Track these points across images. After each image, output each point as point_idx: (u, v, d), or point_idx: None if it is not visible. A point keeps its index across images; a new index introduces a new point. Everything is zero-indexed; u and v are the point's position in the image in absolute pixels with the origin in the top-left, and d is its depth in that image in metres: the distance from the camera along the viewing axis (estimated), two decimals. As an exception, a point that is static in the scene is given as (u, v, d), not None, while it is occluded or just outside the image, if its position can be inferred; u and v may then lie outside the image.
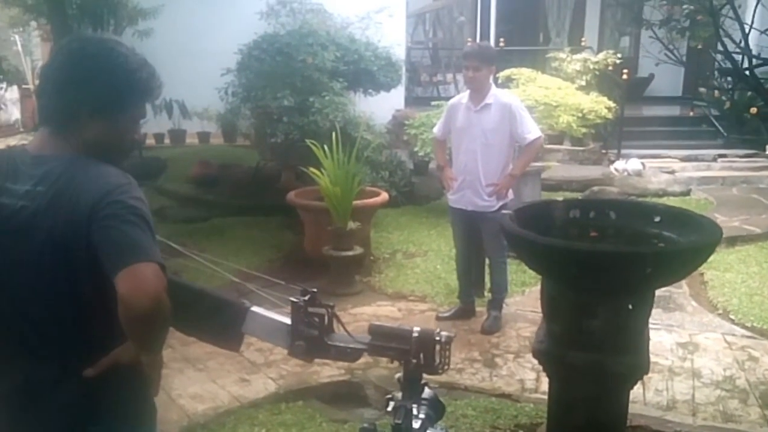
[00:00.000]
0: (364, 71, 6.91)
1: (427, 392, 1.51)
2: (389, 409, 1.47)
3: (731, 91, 9.65)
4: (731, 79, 8.97)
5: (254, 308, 1.63)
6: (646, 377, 2.97)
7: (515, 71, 8.35)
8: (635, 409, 3.21)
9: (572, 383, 2.73)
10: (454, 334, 1.51)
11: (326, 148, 5.15)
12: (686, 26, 8.17)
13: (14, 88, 10.35)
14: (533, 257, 2.82)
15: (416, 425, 1.44)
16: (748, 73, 4.77)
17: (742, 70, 4.80)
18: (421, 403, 1.48)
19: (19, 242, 1.43)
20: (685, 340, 4.24)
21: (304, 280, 4.26)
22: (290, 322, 1.56)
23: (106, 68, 1.48)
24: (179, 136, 9.50)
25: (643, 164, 8.46)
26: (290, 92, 6.14)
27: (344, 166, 5.12)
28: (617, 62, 9.28)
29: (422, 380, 1.50)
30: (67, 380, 1.48)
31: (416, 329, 1.48)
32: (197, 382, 3.64)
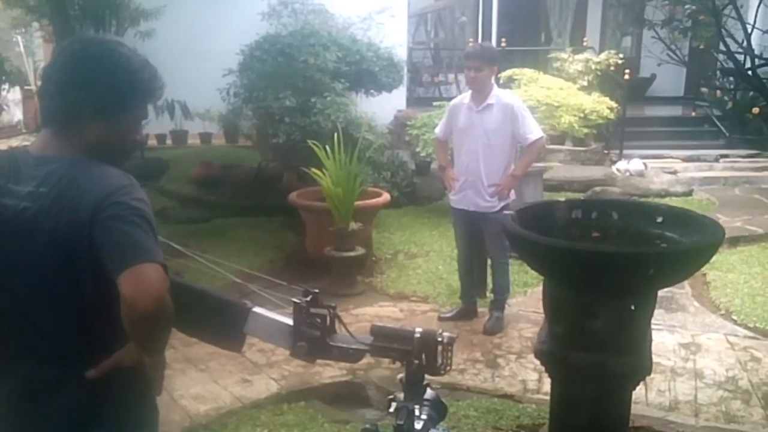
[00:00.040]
0: (365, 72, 6.91)
1: (429, 393, 1.50)
2: (391, 410, 1.47)
3: (733, 91, 9.65)
4: (733, 79, 8.97)
5: (256, 309, 1.62)
6: (648, 378, 2.97)
7: (517, 71, 8.34)
8: (637, 409, 3.20)
9: (574, 384, 2.73)
10: (456, 334, 1.51)
11: (328, 148, 5.15)
12: (688, 26, 8.16)
13: (16, 89, 10.35)
14: (535, 258, 2.82)
15: (418, 426, 1.43)
16: (750, 72, 4.77)
17: (744, 70, 4.80)
18: (423, 403, 1.48)
19: (21, 243, 1.43)
20: (687, 340, 4.24)
21: (305, 280, 4.27)
22: (292, 322, 1.56)
23: (108, 69, 1.48)
24: (181, 136, 9.50)
25: (645, 164, 8.45)
26: (292, 93, 6.14)
27: (346, 166, 5.12)
28: (619, 62, 9.27)
29: (424, 381, 1.50)
30: (69, 381, 1.48)
31: (418, 330, 1.48)
32: (199, 382, 3.65)
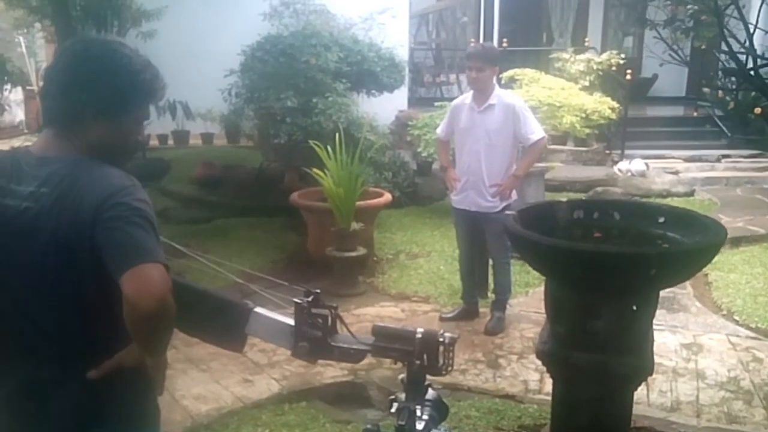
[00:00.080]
0: (367, 72, 6.91)
1: (430, 393, 1.50)
2: (393, 410, 1.47)
3: (735, 91, 9.62)
4: (735, 79, 8.95)
5: (257, 309, 1.62)
6: (650, 378, 2.97)
7: (518, 72, 8.34)
8: (639, 410, 3.20)
9: (576, 384, 2.73)
10: (457, 335, 1.50)
11: (329, 149, 5.16)
12: (690, 26, 8.15)
13: (18, 89, 10.36)
14: (537, 258, 2.82)
15: (420, 426, 1.43)
16: (752, 73, 4.76)
17: (746, 70, 4.79)
18: (424, 404, 1.47)
19: (22, 243, 1.43)
20: (689, 341, 4.23)
21: (307, 281, 4.27)
22: (293, 323, 1.56)
23: (109, 70, 1.48)
24: (183, 137, 9.51)
25: (646, 165, 8.44)
26: (293, 93, 6.14)
27: (347, 166, 5.12)
28: (621, 62, 9.26)
29: (426, 381, 1.50)
30: (70, 382, 1.48)
31: (420, 330, 1.48)
32: (200, 382, 3.65)
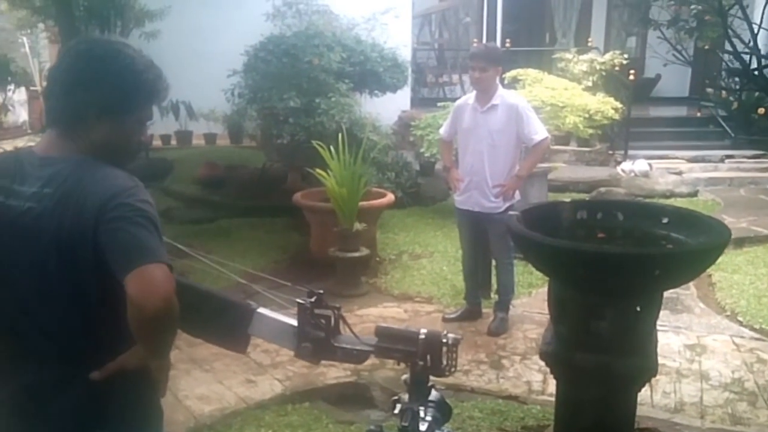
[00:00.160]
0: (370, 72, 6.91)
1: (433, 394, 1.50)
2: (396, 411, 1.47)
3: (739, 91, 9.61)
4: (739, 79, 8.94)
5: (260, 310, 1.62)
6: (653, 379, 2.96)
7: (521, 72, 8.33)
8: (643, 411, 3.19)
9: (579, 385, 2.72)
10: (460, 335, 1.50)
11: (332, 149, 5.15)
12: (694, 26, 8.13)
13: (22, 89, 10.38)
14: (540, 259, 2.81)
15: (423, 428, 1.43)
16: (756, 73, 4.75)
17: (750, 70, 4.78)
18: (427, 405, 1.47)
19: (25, 244, 1.43)
20: (692, 342, 4.22)
21: (310, 281, 4.27)
22: (296, 323, 1.56)
23: (113, 70, 1.48)
24: (186, 137, 9.53)
25: (650, 165, 8.43)
26: (296, 93, 6.14)
27: (350, 167, 5.12)
28: (624, 63, 9.24)
29: (429, 382, 1.50)
30: (73, 383, 1.48)
31: (423, 331, 1.48)
32: (204, 383, 3.65)
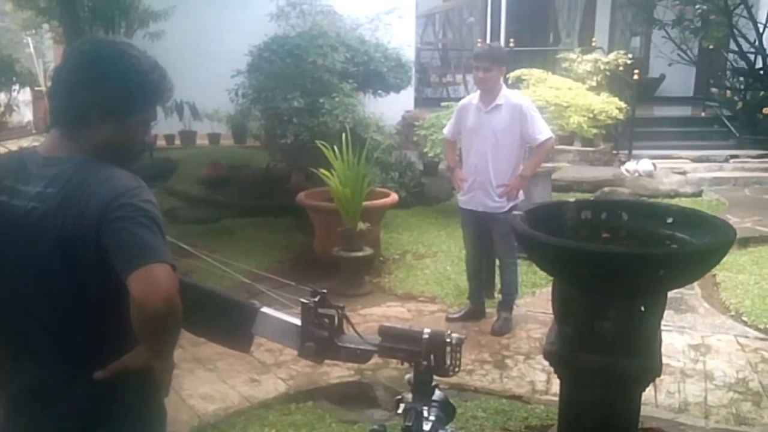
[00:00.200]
0: (373, 72, 6.91)
1: (437, 394, 1.50)
2: (399, 411, 1.47)
3: (743, 91, 9.58)
4: (744, 78, 8.91)
5: (264, 309, 1.62)
6: (658, 379, 2.95)
7: (525, 72, 8.32)
8: (647, 411, 3.18)
9: (583, 385, 2.71)
10: (464, 335, 1.50)
11: (336, 149, 5.16)
12: (699, 26, 8.11)
13: (27, 90, 10.39)
14: (544, 258, 2.81)
15: (426, 427, 1.42)
16: (762, 72, 4.73)
17: (756, 69, 4.76)
18: (431, 404, 1.47)
19: (28, 244, 1.44)
20: (697, 342, 4.21)
21: (313, 281, 4.24)
22: (300, 323, 1.56)
23: (117, 71, 1.48)
24: (190, 137, 9.55)
25: (654, 165, 8.40)
26: (300, 93, 6.14)
27: (354, 167, 5.12)
28: (628, 62, 9.22)
29: (432, 382, 1.49)
30: (76, 383, 1.48)
31: (427, 331, 1.47)
32: (207, 382, 3.65)
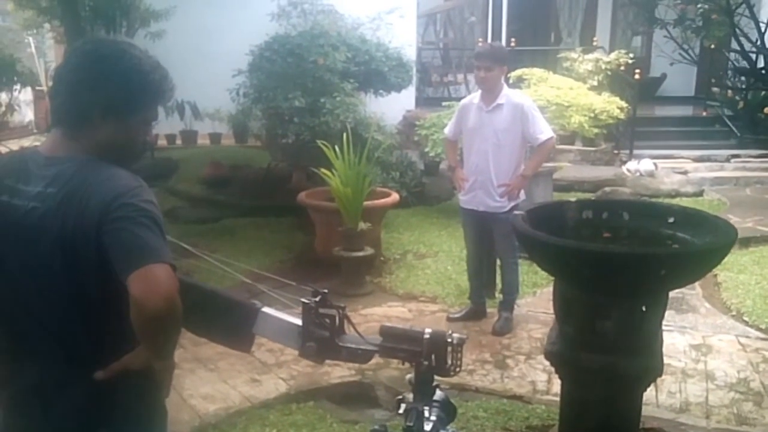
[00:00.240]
0: (374, 72, 6.91)
1: (438, 394, 1.49)
2: (400, 411, 1.46)
3: (745, 90, 9.56)
4: (745, 78, 8.90)
5: (265, 309, 1.62)
6: (659, 379, 2.95)
7: (526, 71, 8.32)
8: (648, 411, 3.17)
9: (585, 385, 2.71)
10: (465, 335, 1.50)
11: (337, 148, 5.16)
12: (700, 25, 8.10)
13: (28, 89, 10.38)
14: (546, 258, 2.80)
15: (427, 427, 1.42)
16: (764, 71, 4.72)
17: (758, 69, 4.76)
18: (432, 404, 1.47)
19: (29, 243, 1.44)
20: (698, 342, 4.21)
21: (314, 280, 4.26)
22: (301, 323, 1.56)
23: (119, 70, 1.48)
24: (191, 137, 9.55)
25: (655, 165, 8.40)
26: (301, 93, 6.14)
27: (355, 166, 5.12)
28: (629, 62, 9.22)
29: (433, 382, 1.49)
30: (76, 383, 1.48)
31: (428, 331, 1.47)
32: (208, 382, 3.65)
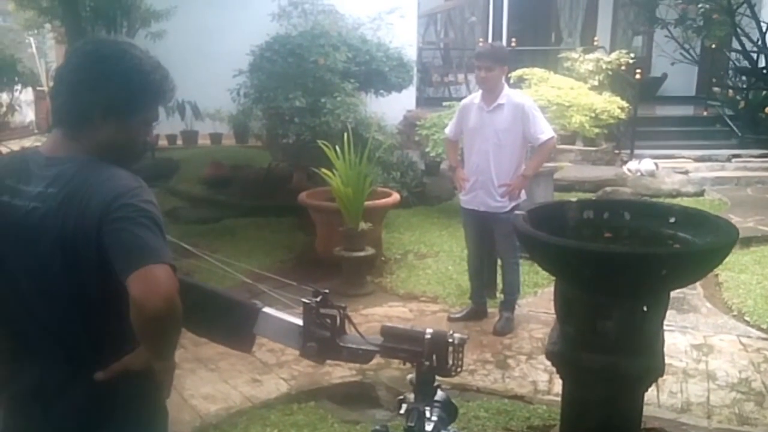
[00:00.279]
0: (375, 72, 6.91)
1: (439, 394, 1.49)
2: (401, 411, 1.46)
3: (746, 90, 9.56)
4: (746, 78, 8.89)
5: (266, 309, 1.62)
6: (660, 379, 2.94)
7: (527, 71, 8.32)
8: (649, 411, 3.17)
9: (586, 385, 2.71)
10: (466, 335, 1.49)
11: (338, 148, 5.16)
12: (701, 25, 8.10)
13: (29, 90, 10.40)
14: (546, 258, 2.80)
15: (429, 428, 1.42)
16: (765, 71, 4.72)
17: (759, 68, 4.75)
18: (433, 405, 1.46)
19: (29, 244, 1.44)
20: (699, 341, 4.20)
21: (315, 280, 4.27)
22: (302, 323, 1.56)
23: (119, 70, 1.48)
24: (191, 137, 9.55)
25: (656, 164, 8.39)
26: (302, 93, 6.14)
27: (356, 166, 5.12)
28: (630, 62, 9.21)
29: (434, 382, 1.49)
30: (76, 383, 1.48)
31: (429, 331, 1.47)
32: (209, 382, 3.65)
